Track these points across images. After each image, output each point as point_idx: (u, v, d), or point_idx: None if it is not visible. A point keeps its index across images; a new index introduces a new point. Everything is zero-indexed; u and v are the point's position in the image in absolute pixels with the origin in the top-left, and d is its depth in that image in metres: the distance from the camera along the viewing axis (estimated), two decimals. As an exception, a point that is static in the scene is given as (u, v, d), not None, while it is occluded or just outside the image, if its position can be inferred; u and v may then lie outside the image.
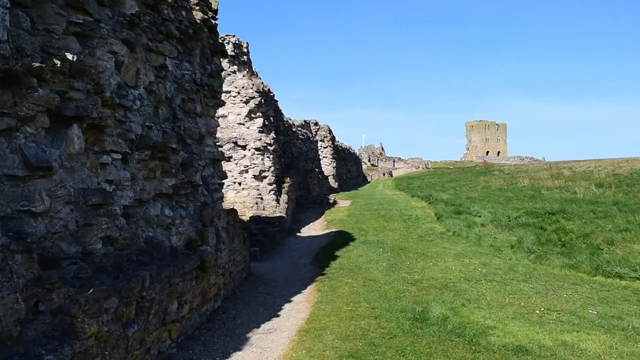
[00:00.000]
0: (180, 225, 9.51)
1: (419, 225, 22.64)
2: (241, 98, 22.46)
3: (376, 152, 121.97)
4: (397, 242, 18.72)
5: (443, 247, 17.45)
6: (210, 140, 12.38)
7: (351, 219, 25.05)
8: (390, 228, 22.30)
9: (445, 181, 56.55)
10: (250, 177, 22.32)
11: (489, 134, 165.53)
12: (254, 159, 22.30)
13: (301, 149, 40.72)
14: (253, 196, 22.10)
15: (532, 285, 12.00)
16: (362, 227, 22.81)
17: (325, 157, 51.83)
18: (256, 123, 22.54)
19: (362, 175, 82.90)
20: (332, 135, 53.35)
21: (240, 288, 12.19)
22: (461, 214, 23.53)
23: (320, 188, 42.76)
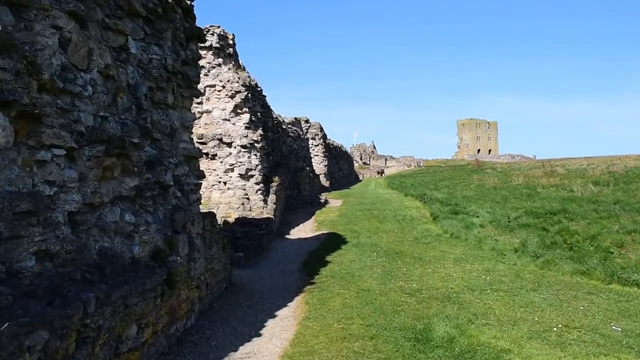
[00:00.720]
0: (145, 233, 8.17)
1: (414, 227, 21.38)
2: (226, 92, 21.11)
3: (368, 151, 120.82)
4: (392, 245, 17.45)
5: (441, 250, 16.19)
6: (186, 135, 11.07)
7: (343, 220, 23.77)
8: (384, 229, 21.03)
9: (438, 179, 55.44)
10: (236, 176, 20.98)
11: (480, 132, 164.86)
12: (240, 156, 20.96)
13: (291, 147, 39.40)
14: (239, 196, 20.76)
15: (543, 296, 10.74)
16: (354, 228, 21.53)
17: (316, 156, 50.54)
18: (242, 119, 21.20)
19: (353, 174, 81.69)
20: (323, 133, 52.06)
21: (219, 301, 10.86)
22: (458, 214, 22.29)
23: (312, 187, 41.47)
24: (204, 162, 21.32)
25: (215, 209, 20.91)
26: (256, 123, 21.74)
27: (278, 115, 35.09)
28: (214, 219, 11.18)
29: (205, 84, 21.19)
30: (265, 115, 24.75)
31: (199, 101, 21.20)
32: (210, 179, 21.21)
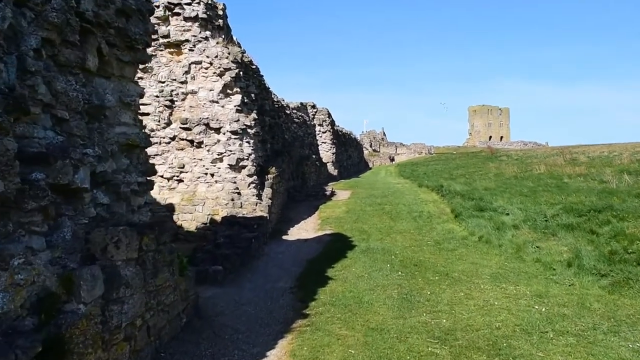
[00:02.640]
0: (22, 271, 4.90)
1: (433, 226, 18.01)
2: (214, 70, 17.76)
3: (378, 138, 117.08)
4: (408, 252, 14.13)
5: (472, 262, 12.82)
6: (127, 115, 7.84)
7: (350, 217, 20.41)
8: (398, 229, 17.69)
9: (452, 168, 51.85)
10: (225, 167, 17.69)
11: (492, 119, 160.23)
12: (230, 144, 17.66)
13: (296, 134, 36.07)
14: (228, 191, 17.49)
15: (631, 343, 7.39)
16: (363, 227, 18.20)
17: (324, 143, 47.16)
18: (233, 100, 17.87)
19: (363, 162, 78.24)
20: (331, 119, 48.61)
21: (172, 346, 7.60)
22: (484, 211, 18.85)
23: (318, 176, 38.18)
24: (189, 151, 18.06)
25: (200, 205, 17.66)
26: (250, 106, 18.41)
27: (281, 100, 31.71)
28: (162, 233, 7.88)
29: (190, 61, 17.87)
30: (262, 97, 21.39)
31: (183, 80, 17.90)
32: (196, 171, 17.95)
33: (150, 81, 18.17)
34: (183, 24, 17.82)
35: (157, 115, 17.99)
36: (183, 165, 17.99)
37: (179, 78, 17.90)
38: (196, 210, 17.67)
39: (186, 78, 17.93)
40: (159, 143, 18.14)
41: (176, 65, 18.07)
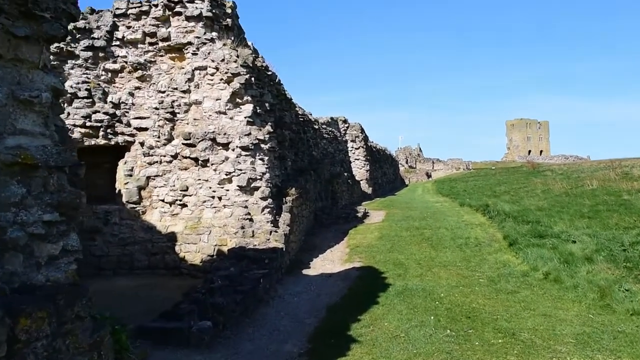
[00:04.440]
0: None
1: (484, 257, 14.72)
2: (221, 76, 15.01)
3: (414, 154, 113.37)
4: (457, 296, 10.94)
5: (543, 313, 9.53)
6: (28, 119, 5.12)
7: (384, 244, 17.24)
8: (442, 261, 14.47)
9: (493, 184, 48.17)
10: (234, 188, 14.84)
11: (531, 133, 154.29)
12: (240, 162, 14.82)
13: (326, 150, 33.20)
14: (238, 217, 14.61)
15: None
16: (399, 258, 15.04)
17: (357, 160, 44.14)
18: (243, 111, 15.06)
19: (399, 178, 74.79)
20: (364, 134, 45.58)
21: None
22: (544, 238, 15.46)
23: (351, 195, 35.15)
24: (193, 171, 15.29)
25: (206, 234, 14.82)
26: (264, 117, 15.57)
27: (308, 113, 28.90)
28: (74, 302, 5.00)
29: (193, 66, 15.17)
30: (281, 108, 18.56)
31: (185, 89, 15.20)
32: (201, 194, 15.14)
33: (149, 91, 15.54)
34: (185, 24, 15.17)
35: (156, 130, 15.31)
36: (187, 188, 15.22)
37: (180, 87, 15.22)
38: (201, 240, 14.83)
39: (189, 86, 15.23)
40: (159, 162, 15.44)
41: (178, 73, 15.40)
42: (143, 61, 15.50)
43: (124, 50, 15.42)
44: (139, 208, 15.36)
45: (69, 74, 14.99)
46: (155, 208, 15.49)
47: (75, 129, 14.79)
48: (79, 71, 15.09)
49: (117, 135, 15.34)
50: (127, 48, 15.44)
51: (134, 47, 15.46)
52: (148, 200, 15.49)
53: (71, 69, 15.03)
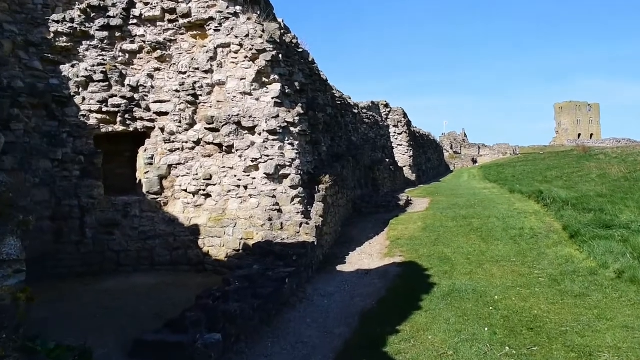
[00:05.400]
0: None
1: (542, 251, 12.77)
2: (245, 53, 13.48)
3: (459, 139, 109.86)
4: (514, 300, 9.15)
5: (623, 324, 7.64)
6: None
7: (428, 236, 15.44)
8: (494, 256, 12.63)
9: (543, 169, 45.45)
10: (261, 176, 13.34)
11: (581, 116, 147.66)
12: (268, 147, 13.29)
13: (367, 135, 31.45)
14: (265, 207, 13.11)
15: None
16: (444, 252, 13.26)
17: (399, 145, 42.09)
18: (270, 91, 13.50)
19: (443, 164, 72.22)
20: (407, 119, 43.44)
21: None
22: (611, 228, 13.38)
23: (393, 182, 33.33)
24: (217, 158, 13.87)
25: (231, 226, 13.39)
26: (293, 98, 13.98)
27: (347, 97, 27.15)
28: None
29: (216, 44, 13.69)
30: (314, 89, 16.91)
31: (207, 69, 13.73)
32: (226, 183, 13.70)
33: (169, 72, 14.15)
34: (206, -3, 13.68)
35: (177, 114, 13.92)
36: (210, 176, 13.80)
37: (202, 66, 13.76)
38: (226, 233, 13.41)
39: (211, 66, 13.75)
40: (181, 149, 14.07)
41: (200, 51, 13.95)
42: (162, 40, 14.10)
43: (141, 29, 14.05)
44: (160, 199, 14.05)
45: (83, 56, 13.72)
46: (178, 199, 14.14)
47: (91, 114, 13.55)
48: (94, 53, 13.81)
49: (136, 121, 14.02)
50: (145, 27, 14.06)
51: (153, 25, 14.06)
52: (170, 190, 14.16)
53: (86, 50, 13.75)
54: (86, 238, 13.19)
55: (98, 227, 13.38)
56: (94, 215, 13.33)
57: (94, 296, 10.90)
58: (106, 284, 12.13)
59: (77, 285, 12.00)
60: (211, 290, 8.95)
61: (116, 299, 10.56)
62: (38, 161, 12.82)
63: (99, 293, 11.20)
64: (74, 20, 13.48)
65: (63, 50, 13.50)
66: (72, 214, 13.11)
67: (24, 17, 13.02)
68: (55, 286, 11.82)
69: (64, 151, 13.16)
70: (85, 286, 11.90)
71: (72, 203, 13.14)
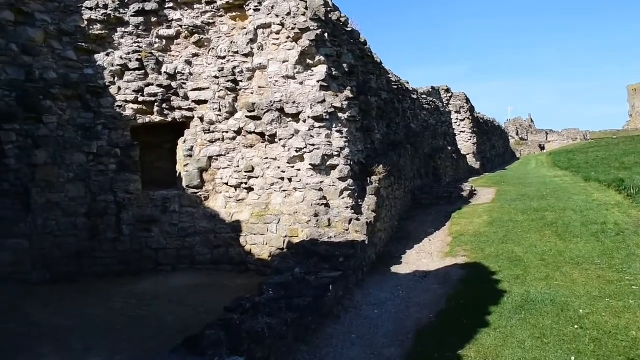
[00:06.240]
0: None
1: (631, 251, 10.75)
2: (287, 34, 12.12)
3: (525, 125, 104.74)
4: (606, 316, 7.38)
5: None
6: None
7: (495, 232, 13.62)
8: (573, 257, 10.75)
9: (619, 154, 41.75)
10: (306, 168, 11.99)
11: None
12: (313, 135, 11.92)
13: (427, 122, 29.50)
14: (311, 202, 11.76)
15: None
16: (515, 252, 11.48)
17: (462, 132, 39.73)
18: (315, 74, 12.09)
19: (509, 152, 68.68)
20: (470, 105, 40.92)
21: None
22: None
23: (455, 171, 31.28)
24: (259, 148, 12.63)
25: (274, 223, 12.14)
26: (342, 81, 12.51)
27: (405, 82, 25.35)
28: None
29: (256, 25, 12.41)
30: (365, 71, 15.33)
31: (247, 52, 12.47)
32: (269, 175, 12.44)
33: (207, 58, 13.00)
34: (245, -26, 12.41)
35: (216, 102, 12.76)
36: (252, 168, 12.59)
37: (242, 50, 12.51)
38: (269, 230, 12.17)
39: (251, 49, 12.48)
40: (222, 139, 12.92)
41: (239, 34, 12.71)
42: (200, 24, 12.95)
43: (178, 12, 12.94)
44: (200, 193, 12.97)
45: (118, 43, 12.77)
46: (219, 193, 13.02)
47: (127, 105, 12.60)
48: (130, 40, 12.83)
49: (174, 111, 12.96)
50: (182, 10, 12.94)
51: (190, 8, 12.93)
52: (211, 184, 13.05)
53: (121, 38, 12.79)
54: (123, 235, 12.28)
55: (135, 223, 12.44)
56: (130, 211, 12.40)
57: (124, 300, 9.90)
58: (142, 286, 11.16)
59: (111, 286, 11.09)
60: (241, 301, 7.65)
61: (146, 305, 9.52)
62: (72, 155, 12.01)
63: (130, 297, 10.21)
64: (107, 7, 12.54)
65: (97, 39, 12.60)
66: (108, 210, 12.22)
67: (56, 5, 12.19)
68: (90, 287, 11.00)
69: (99, 144, 12.28)
70: (120, 287, 10.96)
71: (108, 198, 12.25)
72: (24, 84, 11.56)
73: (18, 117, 11.40)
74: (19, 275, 11.17)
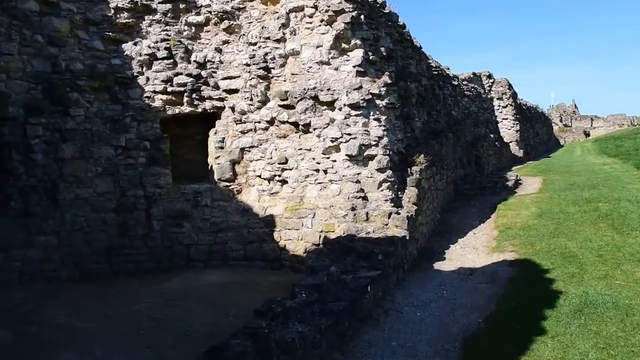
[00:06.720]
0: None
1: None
2: (321, 17, 11.35)
3: (568, 111, 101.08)
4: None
5: None
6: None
7: (545, 225, 12.59)
8: (633, 252, 9.70)
9: (671, 140, 39.59)
10: (342, 159, 11.24)
11: None
12: (349, 124, 11.15)
13: (468, 109, 28.28)
14: (348, 195, 11.02)
15: None
16: (568, 247, 10.49)
17: (504, 119, 38.17)
18: (351, 59, 11.30)
19: (553, 139, 66.18)
20: (512, 91, 39.27)
21: None
22: None
23: (498, 159, 30.02)
24: (293, 139, 11.94)
25: (309, 217, 11.45)
26: (379, 65, 11.68)
27: (445, 68, 24.24)
28: None
29: (288, 8, 11.69)
30: (404, 56, 14.43)
31: (279, 37, 11.77)
32: (303, 166, 11.75)
33: (238, 44, 12.37)
34: (276, -46, 11.69)
35: (248, 91, 12.12)
36: (286, 160, 11.92)
37: (273, 35, 11.82)
38: (304, 225, 11.49)
39: (283, 34, 11.76)
40: (254, 130, 12.29)
41: (271, 18, 12.01)
42: (230, 9, 12.30)
43: (207, -3, 12.35)
44: (233, 186, 12.38)
45: (146, 32, 12.24)
46: (252, 186, 12.40)
47: (156, 96, 12.06)
48: (158, 28, 12.27)
49: (204, 101, 12.38)
50: (211, -5, 12.34)
51: (219, -8, 12.31)
52: (243, 176, 12.45)
53: (149, 26, 12.25)
54: (153, 231, 11.79)
55: (166, 218, 11.93)
56: (161, 205, 11.90)
57: (151, 300, 9.37)
58: (172, 284, 10.63)
59: (141, 284, 10.61)
60: (272, 304, 6.98)
61: (173, 306, 8.97)
62: (100, 149, 11.54)
63: (159, 296, 9.68)
64: (134, -7, 12.01)
65: (125, 27, 12.08)
66: (138, 205, 11.74)
67: (82, -7, 11.72)
68: (118, 285, 10.54)
69: (127, 137, 11.79)
70: (149, 285, 10.46)
71: (138, 193, 11.76)
72: (50, 76, 11.14)
73: (44, 111, 11.00)
74: (48, 272, 10.80)
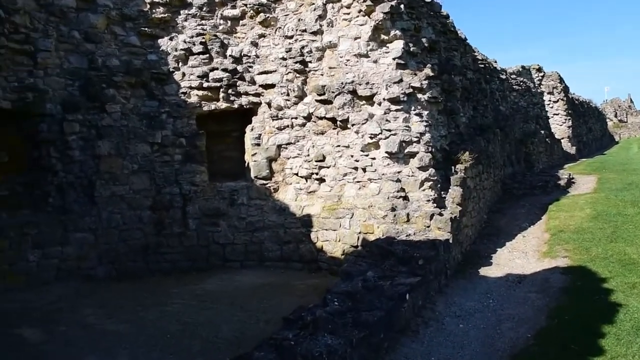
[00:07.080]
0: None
1: None
2: (359, 7, 10.77)
3: (624, 106, 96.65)
4: None
5: None
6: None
7: (601, 228, 11.61)
8: None
9: None
10: (382, 156, 10.63)
11: None
12: (389, 119, 10.53)
13: (517, 104, 27.12)
14: (388, 194, 10.41)
15: None
16: (627, 253, 9.57)
17: (555, 115, 36.46)
18: (391, 51, 10.67)
19: (607, 135, 63.27)
20: (563, 85, 37.50)
21: None
22: None
23: (549, 157, 28.64)
24: (331, 135, 11.42)
25: (347, 217, 10.90)
26: (420, 57, 11.00)
27: (492, 61, 23.20)
28: None
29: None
30: (447, 47, 13.67)
31: (316, 29, 11.26)
32: (341, 164, 11.21)
33: (274, 38, 11.94)
34: (312, -56, 11.17)
35: (284, 86, 11.67)
36: (323, 157, 11.41)
37: (310, 27, 11.32)
38: (341, 225, 10.96)
39: (320, 26, 11.25)
40: (291, 126, 11.84)
41: (307, 10, 11.51)
42: (266, 2, 11.90)
43: (243, -10, 11.96)
44: (269, 184, 11.97)
45: (182, 27, 11.96)
46: (289, 184, 11.96)
47: (192, 91, 11.77)
48: (193, 22, 11.98)
49: (241, 96, 12.01)
50: (247, -13, 11.94)
51: (255, -15, 11.90)
52: (280, 174, 12.02)
53: (184, 20, 11.98)
54: (189, 229, 11.53)
55: (202, 217, 11.64)
56: (196, 203, 11.62)
57: (183, 302, 9.05)
58: (206, 284, 10.31)
59: (175, 284, 10.37)
60: (302, 312, 6.49)
61: (204, 309, 8.60)
62: (136, 145, 11.36)
63: (192, 297, 9.36)
64: (170, -12, 11.75)
65: (160, 22, 11.85)
66: (174, 202, 11.49)
67: (117, -11, 11.53)
68: (152, 285, 10.30)
69: (163, 133, 11.56)
70: (183, 286, 10.18)
71: (174, 191, 11.52)
72: (87, 72, 11.03)
73: (81, 107, 10.89)
74: (85, 270, 10.70)
